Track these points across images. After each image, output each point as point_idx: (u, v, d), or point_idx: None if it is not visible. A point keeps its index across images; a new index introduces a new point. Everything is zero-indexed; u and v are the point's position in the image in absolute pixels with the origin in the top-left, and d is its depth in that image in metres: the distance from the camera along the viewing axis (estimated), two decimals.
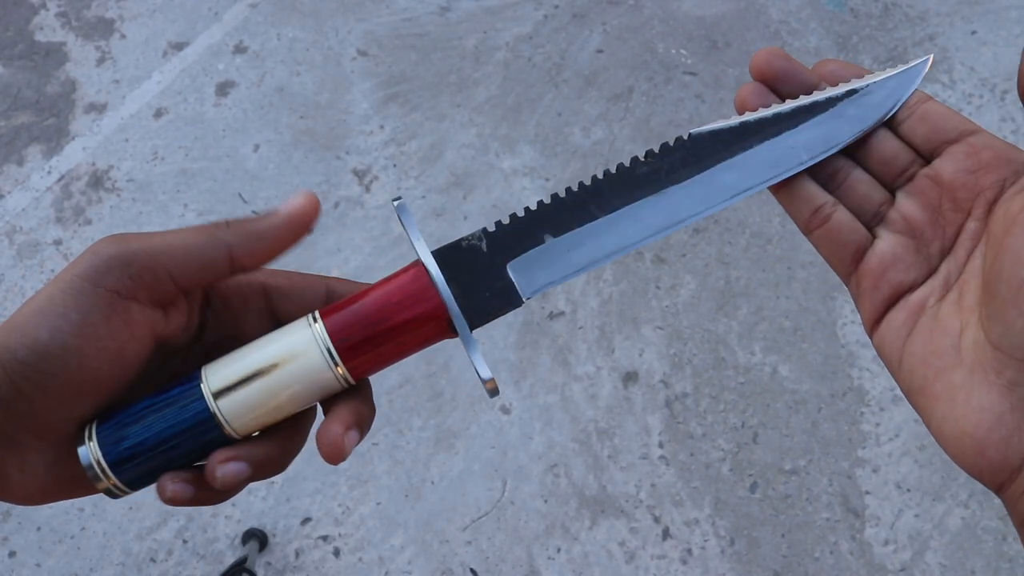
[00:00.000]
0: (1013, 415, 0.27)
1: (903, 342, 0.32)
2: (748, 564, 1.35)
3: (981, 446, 0.27)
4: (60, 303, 0.28)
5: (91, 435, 0.29)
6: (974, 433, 0.28)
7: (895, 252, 0.33)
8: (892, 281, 0.32)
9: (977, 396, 0.28)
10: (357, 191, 1.72)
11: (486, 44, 1.93)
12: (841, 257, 0.34)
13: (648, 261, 1.62)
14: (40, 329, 0.28)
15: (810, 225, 0.34)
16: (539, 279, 0.33)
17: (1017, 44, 1.86)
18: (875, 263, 0.33)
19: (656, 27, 1.94)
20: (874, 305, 0.33)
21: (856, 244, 0.33)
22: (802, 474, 1.41)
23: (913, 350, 0.31)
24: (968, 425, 0.28)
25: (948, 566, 1.33)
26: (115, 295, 0.29)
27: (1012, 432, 0.27)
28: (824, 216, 0.34)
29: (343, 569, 1.36)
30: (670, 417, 1.46)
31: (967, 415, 0.28)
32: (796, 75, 0.35)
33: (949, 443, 0.29)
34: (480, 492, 1.41)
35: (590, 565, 1.35)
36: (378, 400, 1.47)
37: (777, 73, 0.35)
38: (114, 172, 1.77)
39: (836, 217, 0.34)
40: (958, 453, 0.28)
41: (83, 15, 2.02)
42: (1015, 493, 0.27)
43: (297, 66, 1.91)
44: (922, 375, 0.30)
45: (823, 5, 1.97)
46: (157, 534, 1.39)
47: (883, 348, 0.33)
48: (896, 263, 0.32)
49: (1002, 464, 0.27)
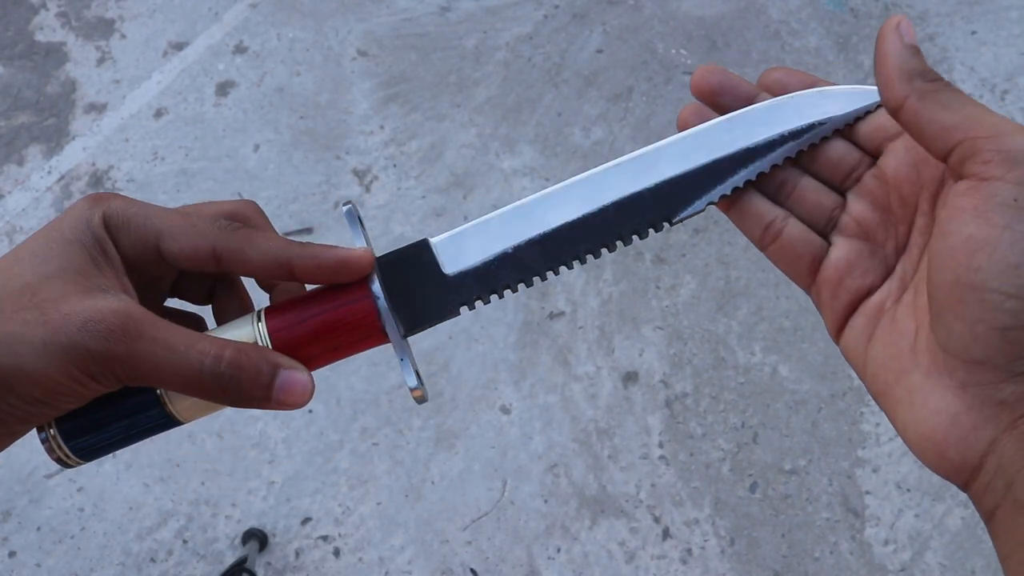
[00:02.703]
0: (968, 415, 0.27)
1: (865, 347, 0.31)
2: (748, 564, 1.35)
3: (940, 448, 0.27)
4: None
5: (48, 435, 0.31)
6: (933, 436, 0.28)
7: (849, 259, 0.32)
8: (850, 288, 0.32)
9: (933, 399, 0.28)
10: (357, 191, 1.72)
11: (486, 44, 1.93)
12: (797, 270, 0.33)
13: (648, 261, 1.62)
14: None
15: (763, 241, 0.34)
16: (465, 257, 0.33)
17: (1017, 44, 1.86)
18: (831, 272, 0.32)
19: (656, 27, 1.94)
20: (835, 313, 0.32)
21: (811, 255, 0.33)
22: (802, 474, 1.41)
23: (874, 354, 0.31)
24: (927, 428, 0.28)
25: (948, 566, 1.33)
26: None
27: (968, 432, 0.27)
28: (776, 231, 0.33)
29: (343, 569, 1.36)
30: (670, 417, 1.47)
31: (926, 418, 0.28)
32: (734, 88, 0.35)
33: (913, 445, 0.29)
34: (480, 492, 1.41)
35: (590, 565, 1.35)
36: (378, 400, 1.46)
37: (714, 88, 0.35)
38: (114, 172, 1.77)
39: (787, 231, 0.33)
40: (922, 455, 0.28)
41: (83, 15, 2.02)
42: (979, 490, 0.27)
43: (297, 66, 1.91)
44: (883, 379, 0.30)
45: (823, 5, 1.97)
46: (157, 534, 1.39)
47: (848, 354, 0.32)
48: (852, 269, 0.32)
49: (962, 464, 0.27)
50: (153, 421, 0.31)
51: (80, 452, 0.31)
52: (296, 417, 1.48)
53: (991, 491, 0.26)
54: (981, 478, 0.27)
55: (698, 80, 0.35)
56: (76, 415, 0.30)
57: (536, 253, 0.33)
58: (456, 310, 0.33)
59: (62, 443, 0.30)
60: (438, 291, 0.33)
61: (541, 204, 0.33)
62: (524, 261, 0.33)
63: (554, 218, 0.33)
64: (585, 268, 1.61)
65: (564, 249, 0.33)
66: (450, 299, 0.33)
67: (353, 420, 1.47)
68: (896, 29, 0.29)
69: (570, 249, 0.33)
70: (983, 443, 0.27)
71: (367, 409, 1.48)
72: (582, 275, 1.60)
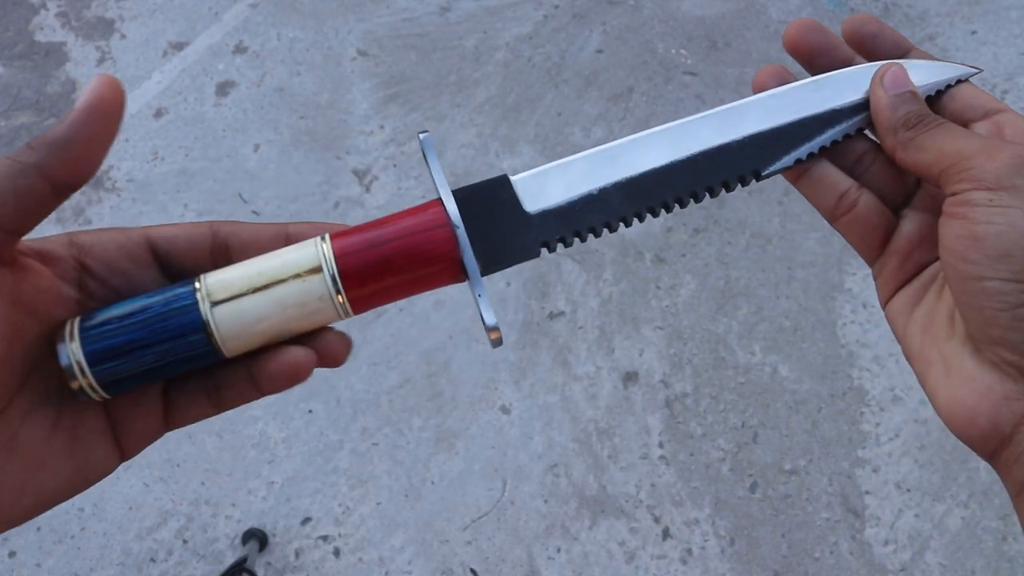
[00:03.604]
0: (1002, 385, 0.28)
1: (910, 311, 0.33)
2: (748, 564, 1.35)
3: (972, 414, 0.28)
4: None
5: (72, 334, 0.28)
6: (964, 401, 0.29)
7: (922, 232, 0.33)
8: (919, 261, 0.33)
9: (968, 366, 0.29)
10: (357, 191, 1.72)
11: (486, 44, 1.93)
12: (869, 242, 0.34)
13: (648, 261, 1.62)
14: None
15: (836, 212, 0.34)
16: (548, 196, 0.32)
17: (1017, 44, 1.86)
18: (902, 243, 0.33)
19: (656, 27, 1.94)
20: (894, 283, 0.34)
21: (884, 228, 0.34)
22: (802, 474, 1.41)
23: (916, 316, 0.32)
24: (959, 393, 0.29)
25: (948, 566, 1.33)
26: None
27: (1000, 401, 0.28)
28: (850, 202, 0.34)
29: (343, 569, 1.36)
30: (670, 417, 1.47)
31: (959, 383, 0.29)
32: (833, 50, 0.35)
33: (942, 409, 0.30)
34: (480, 492, 1.41)
35: (590, 565, 1.35)
36: (378, 400, 1.46)
37: (813, 47, 0.35)
38: (114, 172, 1.77)
39: (863, 202, 0.34)
40: (950, 419, 0.29)
41: (83, 15, 2.02)
42: (1008, 460, 0.28)
43: (297, 66, 1.91)
44: (920, 341, 0.32)
45: (823, 5, 1.97)
46: (157, 534, 1.39)
47: (891, 316, 0.34)
48: (922, 243, 0.33)
49: (992, 432, 0.28)
50: (194, 349, 0.28)
51: (106, 381, 0.28)
52: (296, 417, 1.48)
53: (1021, 463, 0.27)
54: (1011, 449, 0.28)
55: (795, 37, 0.35)
56: (106, 338, 0.28)
57: (622, 196, 0.32)
58: (536, 250, 0.32)
59: (87, 368, 0.27)
60: (519, 229, 0.31)
61: (628, 149, 0.33)
62: (610, 204, 0.32)
63: (641, 163, 0.32)
64: (585, 268, 1.61)
65: (651, 194, 0.32)
66: (531, 237, 0.31)
67: (353, 420, 1.47)
68: (880, 83, 0.33)
69: (657, 195, 0.32)
70: (1016, 414, 0.27)
71: (367, 409, 1.48)
72: (582, 275, 1.60)
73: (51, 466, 0.28)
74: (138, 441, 0.30)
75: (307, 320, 0.29)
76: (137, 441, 0.30)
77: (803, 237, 1.63)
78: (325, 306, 0.29)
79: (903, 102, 0.32)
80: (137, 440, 0.30)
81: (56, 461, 0.28)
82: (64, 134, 0.26)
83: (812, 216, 1.66)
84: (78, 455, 0.28)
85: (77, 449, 0.28)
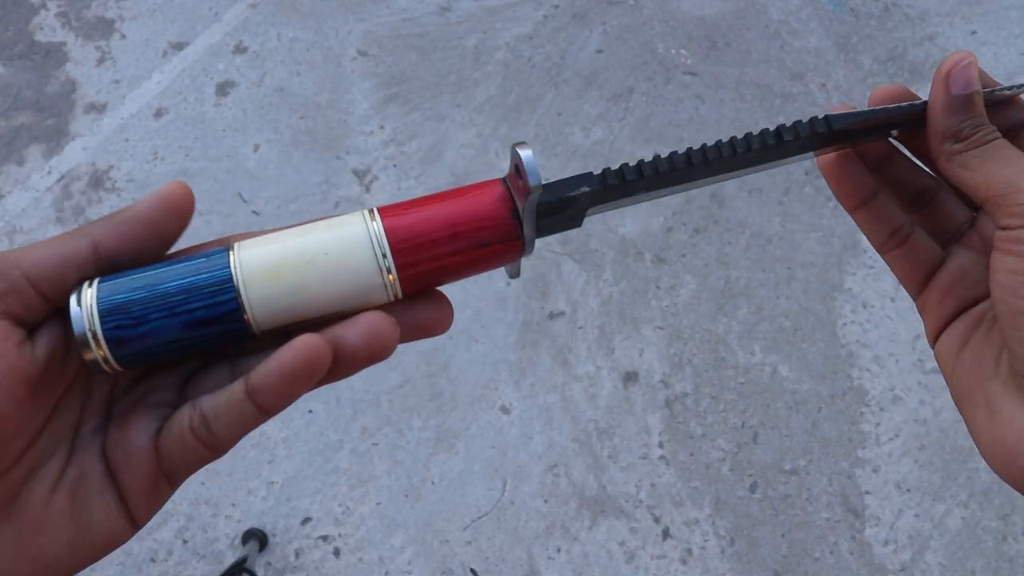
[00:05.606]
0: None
1: (957, 352, 0.32)
2: (748, 564, 1.35)
3: (1012, 454, 0.28)
4: None
5: (81, 300, 0.26)
6: (1005, 439, 0.29)
7: (964, 268, 0.33)
8: (960, 295, 0.33)
9: (1010, 407, 0.29)
10: (357, 191, 1.72)
11: (486, 44, 1.93)
12: (915, 277, 0.34)
13: (648, 261, 1.62)
14: None
15: (887, 245, 0.35)
16: None
17: (1017, 44, 1.86)
18: (945, 278, 0.33)
19: (656, 27, 1.94)
20: (939, 319, 0.34)
21: (931, 263, 0.34)
22: (802, 474, 1.41)
23: (964, 358, 0.32)
24: (1000, 432, 0.29)
25: (948, 566, 1.33)
26: None
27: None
28: (902, 237, 0.34)
29: (343, 569, 1.36)
30: (670, 417, 1.46)
31: (1000, 423, 0.29)
32: None
33: (985, 449, 0.30)
34: (480, 492, 1.41)
35: (590, 565, 1.35)
36: (378, 400, 1.46)
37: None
38: (114, 172, 1.77)
39: (913, 238, 0.34)
40: (992, 458, 0.29)
41: (83, 15, 2.02)
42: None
43: (297, 66, 1.91)
44: (967, 384, 0.31)
45: (823, 5, 1.97)
46: (157, 534, 1.39)
47: (940, 358, 0.33)
48: (964, 279, 0.33)
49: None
50: (225, 325, 0.26)
51: (123, 354, 0.26)
52: (296, 417, 1.48)
53: None
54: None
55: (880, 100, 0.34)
56: (118, 293, 0.26)
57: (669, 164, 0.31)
58: (580, 221, 0.30)
59: (103, 339, 0.25)
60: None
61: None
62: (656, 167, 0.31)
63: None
64: (585, 268, 1.61)
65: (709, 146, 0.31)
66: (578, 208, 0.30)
67: (353, 420, 1.47)
68: (944, 79, 0.30)
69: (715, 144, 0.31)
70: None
71: (367, 409, 1.48)
72: (582, 275, 1.60)
73: (49, 528, 0.26)
74: (142, 499, 0.28)
75: (350, 301, 0.27)
76: (140, 498, 0.28)
77: (803, 237, 1.63)
78: (374, 285, 0.27)
79: (960, 107, 0.30)
80: (140, 497, 0.28)
81: (56, 522, 0.26)
82: (126, 215, 0.27)
83: (812, 216, 1.66)
84: (79, 516, 0.27)
85: (78, 510, 0.27)
